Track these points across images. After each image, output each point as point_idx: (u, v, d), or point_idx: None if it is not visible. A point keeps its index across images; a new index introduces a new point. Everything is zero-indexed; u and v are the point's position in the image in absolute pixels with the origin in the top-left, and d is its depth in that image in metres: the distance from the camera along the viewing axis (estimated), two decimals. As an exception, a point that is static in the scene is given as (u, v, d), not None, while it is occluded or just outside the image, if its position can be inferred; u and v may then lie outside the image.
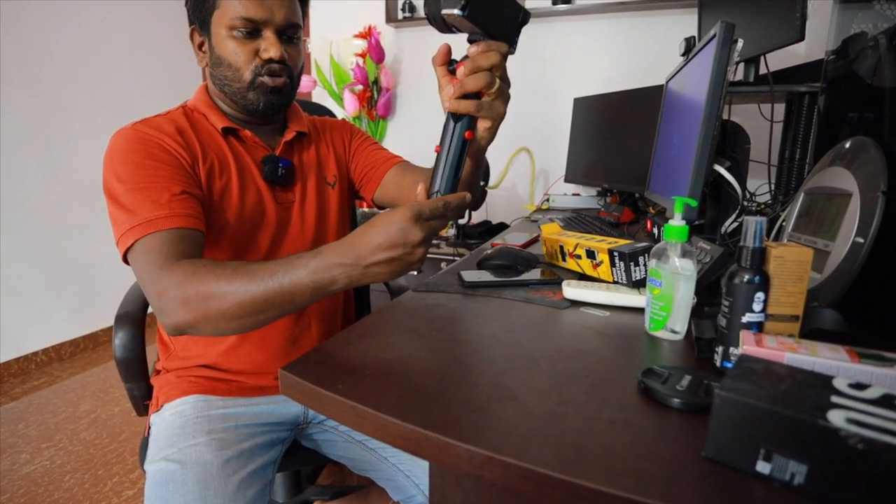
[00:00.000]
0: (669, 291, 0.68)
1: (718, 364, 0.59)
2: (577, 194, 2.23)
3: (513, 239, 1.38)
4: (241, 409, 0.92)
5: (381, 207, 1.12)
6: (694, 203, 0.70)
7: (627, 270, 0.84)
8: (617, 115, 1.96)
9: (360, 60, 2.63)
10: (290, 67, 0.91)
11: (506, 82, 0.70)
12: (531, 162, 2.41)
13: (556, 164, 2.38)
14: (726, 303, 0.58)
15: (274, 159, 0.95)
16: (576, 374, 0.58)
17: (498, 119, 0.71)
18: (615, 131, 1.97)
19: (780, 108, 1.61)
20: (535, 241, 1.38)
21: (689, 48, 1.24)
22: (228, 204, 0.89)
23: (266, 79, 0.89)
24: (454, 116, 0.69)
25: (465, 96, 0.68)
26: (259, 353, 0.96)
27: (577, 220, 1.61)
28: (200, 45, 0.92)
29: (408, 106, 2.75)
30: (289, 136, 0.99)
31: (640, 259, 0.83)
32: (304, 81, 2.60)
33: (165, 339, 0.99)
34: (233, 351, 0.95)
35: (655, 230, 1.29)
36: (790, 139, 1.56)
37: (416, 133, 2.76)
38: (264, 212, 0.94)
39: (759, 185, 1.40)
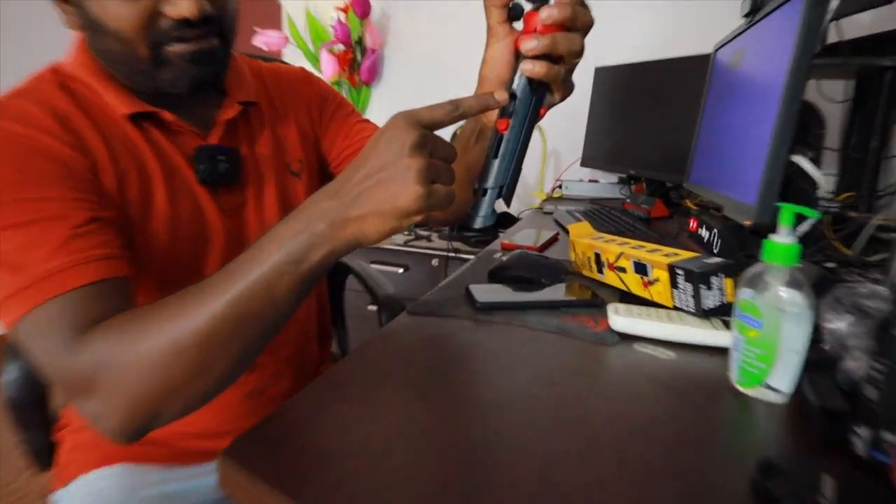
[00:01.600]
0: (772, 336, 0.54)
1: (862, 453, 0.45)
2: (596, 181, 2.11)
3: (525, 238, 1.24)
4: (187, 485, 0.76)
5: None
6: (815, 214, 0.56)
7: (696, 295, 0.70)
8: (648, 89, 1.85)
9: (342, 15, 2.49)
10: (217, 17, 0.68)
11: None
12: (542, 140, 2.28)
13: (571, 145, 2.25)
14: (881, 367, 0.44)
15: (210, 151, 0.74)
16: (657, 463, 0.44)
17: (564, 97, 0.65)
18: (645, 108, 1.86)
19: (839, 86, 1.48)
20: (553, 241, 1.25)
21: (756, 6, 1.10)
22: (153, 224, 0.70)
23: (178, 46, 0.66)
24: (532, 85, 0.60)
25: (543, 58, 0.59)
26: (212, 414, 0.76)
27: (600, 215, 1.50)
28: None
29: (396, 71, 2.62)
30: (230, 111, 0.78)
31: (714, 280, 0.69)
32: (274, 38, 2.43)
33: None
34: None
35: (704, 232, 1.15)
36: (858, 123, 1.44)
37: (405, 103, 2.47)
38: (206, 226, 0.75)
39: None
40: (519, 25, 0.62)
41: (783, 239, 0.54)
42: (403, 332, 0.70)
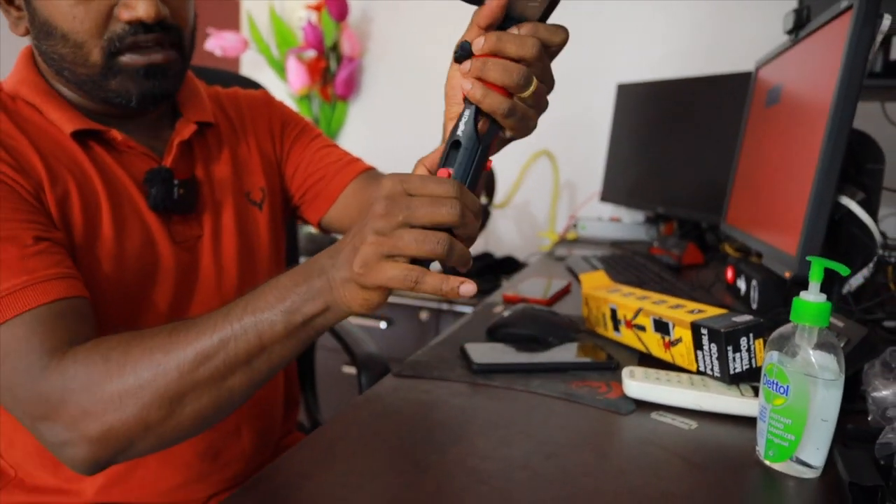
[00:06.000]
0: (801, 403, 0.61)
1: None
2: (618, 219, 2.19)
3: (531, 288, 1.33)
4: None
5: (330, 233, 1.08)
6: (845, 271, 0.63)
7: (722, 357, 0.77)
8: (679, 111, 1.93)
9: (314, 16, 2.57)
10: (176, 27, 0.79)
11: (547, 82, 0.64)
12: (553, 171, 2.36)
13: (588, 176, 2.33)
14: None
15: (164, 175, 0.83)
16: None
17: (523, 135, 0.67)
18: (677, 134, 1.94)
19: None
20: (564, 292, 1.33)
21: (801, 23, 1.19)
22: (97, 252, 0.79)
23: (132, 57, 0.77)
24: (477, 127, 0.63)
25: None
26: (162, 476, 0.84)
27: (621, 262, 1.58)
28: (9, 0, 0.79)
29: (379, 83, 2.69)
30: (185, 132, 0.88)
31: (743, 341, 0.77)
32: (231, 41, 2.52)
33: None
34: (122, 481, 0.83)
35: (742, 284, 1.23)
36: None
37: (388, 121, 2.69)
38: (157, 258, 0.84)
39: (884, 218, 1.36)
40: None
41: (812, 296, 0.62)
42: (389, 396, 0.77)
